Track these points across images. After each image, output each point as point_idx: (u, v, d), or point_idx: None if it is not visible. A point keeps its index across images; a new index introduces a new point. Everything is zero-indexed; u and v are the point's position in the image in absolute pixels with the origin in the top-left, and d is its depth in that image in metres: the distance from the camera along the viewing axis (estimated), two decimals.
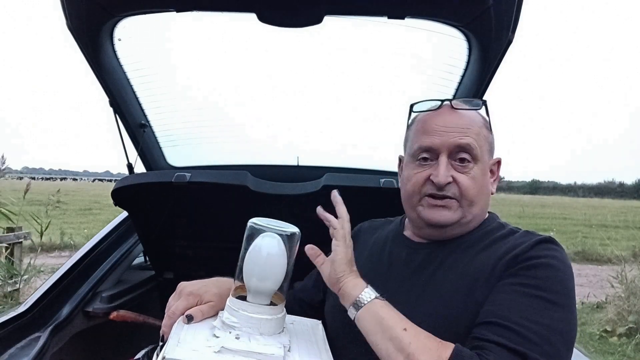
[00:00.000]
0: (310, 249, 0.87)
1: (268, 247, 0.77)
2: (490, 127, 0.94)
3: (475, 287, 0.81)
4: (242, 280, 0.79)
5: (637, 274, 5.09)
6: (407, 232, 1.00)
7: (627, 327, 4.53)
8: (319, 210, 0.85)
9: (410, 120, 1.00)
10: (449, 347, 0.72)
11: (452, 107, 0.92)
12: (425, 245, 0.94)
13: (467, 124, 0.90)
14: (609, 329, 4.62)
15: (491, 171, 0.94)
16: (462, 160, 0.88)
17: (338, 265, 0.82)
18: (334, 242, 0.84)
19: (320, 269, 0.86)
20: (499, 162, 0.96)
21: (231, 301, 0.79)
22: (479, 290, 0.80)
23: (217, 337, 0.74)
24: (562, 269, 0.79)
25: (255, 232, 0.79)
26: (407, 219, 1.03)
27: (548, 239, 0.83)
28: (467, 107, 0.92)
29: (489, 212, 0.98)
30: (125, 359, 1.18)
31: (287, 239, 0.80)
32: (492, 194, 0.94)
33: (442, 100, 0.93)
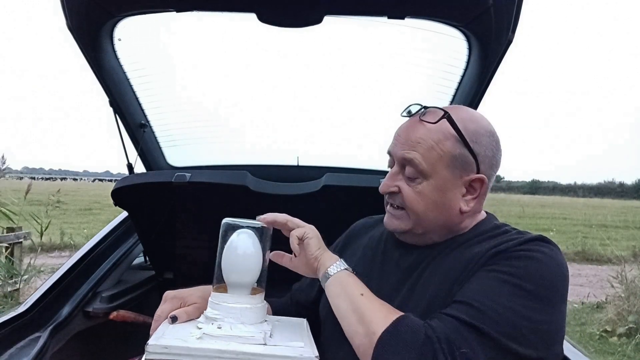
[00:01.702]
0: (274, 255, 0.93)
1: (242, 242, 0.82)
2: (464, 140, 0.85)
3: (455, 285, 0.80)
4: (221, 280, 0.83)
5: (637, 274, 5.08)
6: None
7: (627, 327, 4.53)
8: (260, 217, 0.89)
9: None
10: (399, 313, 0.76)
11: (419, 119, 0.88)
12: (417, 247, 0.93)
13: (419, 137, 0.86)
14: (609, 329, 4.62)
15: (472, 187, 0.88)
16: (411, 173, 0.87)
17: (311, 250, 0.89)
18: (304, 242, 0.89)
19: (293, 267, 0.93)
20: (480, 180, 0.87)
21: (213, 296, 0.82)
22: (458, 286, 0.79)
23: (200, 328, 0.78)
24: (547, 263, 0.77)
25: (229, 230, 0.83)
26: None
27: (540, 238, 0.81)
28: (429, 120, 0.86)
29: (487, 213, 0.96)
30: (125, 359, 1.18)
31: (259, 232, 0.84)
32: (463, 212, 0.88)
33: (420, 108, 0.90)
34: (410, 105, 0.92)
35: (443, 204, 0.87)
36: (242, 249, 0.81)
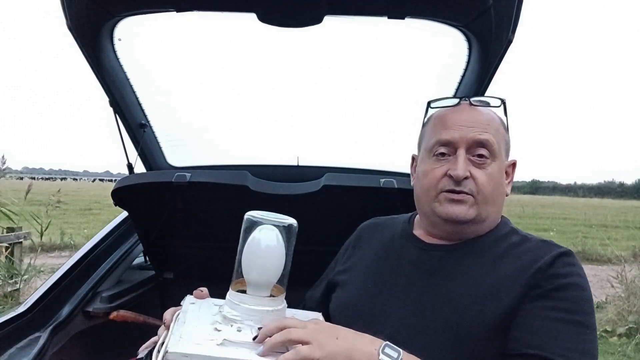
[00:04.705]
0: None
1: (266, 239, 0.78)
2: (507, 127, 0.93)
3: (493, 298, 0.80)
4: (240, 275, 0.79)
5: (637, 274, 5.08)
6: (418, 232, 0.98)
7: (627, 327, 4.53)
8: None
9: (426, 118, 1.00)
10: None
11: (470, 104, 0.92)
12: (438, 247, 0.92)
13: (486, 120, 0.90)
14: (609, 329, 4.62)
15: (506, 172, 0.93)
16: (480, 156, 0.88)
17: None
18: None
19: None
20: (514, 164, 0.95)
21: (231, 295, 0.79)
22: (497, 302, 0.80)
23: (219, 330, 0.74)
24: (586, 287, 0.80)
25: (253, 225, 0.79)
26: (416, 218, 1.02)
27: (567, 253, 0.83)
28: (493, 105, 0.93)
29: (502, 215, 0.97)
30: (125, 359, 1.18)
31: (285, 230, 0.80)
32: (506, 195, 0.93)
33: (461, 98, 0.94)
34: (443, 98, 0.96)
35: (501, 186, 0.91)
36: (265, 245, 0.77)
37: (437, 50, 1.37)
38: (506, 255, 0.86)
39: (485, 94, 1.40)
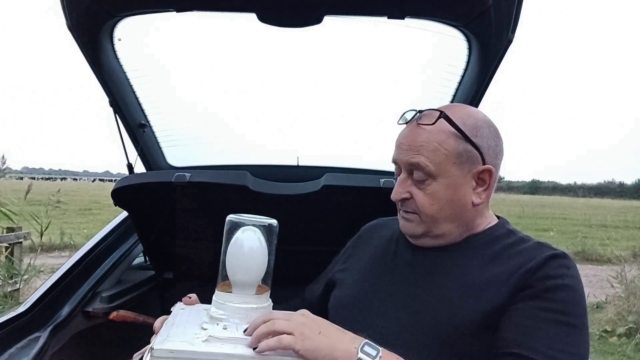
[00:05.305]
0: None
1: (248, 240, 0.80)
2: (466, 135, 0.87)
3: (484, 298, 0.81)
4: (226, 277, 0.81)
5: (637, 274, 5.09)
6: None
7: (627, 327, 4.54)
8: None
9: None
10: None
11: (417, 123, 0.90)
12: (431, 247, 0.93)
13: (422, 141, 0.87)
14: (608, 329, 4.63)
15: (481, 179, 0.89)
16: (419, 177, 0.88)
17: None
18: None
19: None
20: (488, 171, 0.89)
21: (217, 295, 0.80)
22: (487, 301, 0.80)
23: (205, 329, 0.76)
24: (579, 289, 0.80)
25: (235, 227, 0.81)
26: None
27: (561, 255, 0.83)
28: (426, 123, 0.88)
29: (499, 217, 0.97)
30: (125, 359, 1.18)
31: (266, 230, 0.82)
32: (475, 204, 0.89)
33: (416, 113, 0.91)
34: (405, 112, 0.93)
35: (458, 201, 0.88)
36: (247, 246, 0.79)
37: (437, 50, 1.37)
38: (501, 255, 0.86)
39: (485, 94, 1.41)
